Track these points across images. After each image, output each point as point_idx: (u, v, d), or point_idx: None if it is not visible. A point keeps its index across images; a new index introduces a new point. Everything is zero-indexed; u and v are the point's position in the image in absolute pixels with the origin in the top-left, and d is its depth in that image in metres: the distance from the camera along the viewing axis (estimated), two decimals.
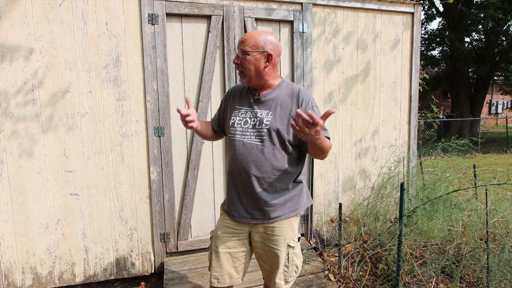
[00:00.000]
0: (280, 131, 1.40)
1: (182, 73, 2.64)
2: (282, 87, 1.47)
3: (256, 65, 1.39)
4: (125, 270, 2.57)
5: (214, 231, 1.58)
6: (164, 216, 2.62)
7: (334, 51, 3.01)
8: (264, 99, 1.45)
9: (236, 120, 1.47)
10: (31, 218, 2.35)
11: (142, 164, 2.54)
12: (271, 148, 1.40)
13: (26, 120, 2.29)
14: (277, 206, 1.44)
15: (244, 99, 1.50)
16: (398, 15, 3.17)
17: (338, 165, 3.12)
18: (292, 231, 1.50)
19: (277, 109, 1.42)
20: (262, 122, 1.41)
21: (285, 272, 1.49)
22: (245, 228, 1.50)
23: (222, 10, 2.62)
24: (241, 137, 1.44)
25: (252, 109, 1.46)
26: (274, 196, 1.44)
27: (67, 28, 2.31)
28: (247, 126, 1.44)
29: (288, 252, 1.48)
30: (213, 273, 1.50)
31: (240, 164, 1.42)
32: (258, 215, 1.45)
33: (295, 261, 1.52)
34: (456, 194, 2.96)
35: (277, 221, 1.45)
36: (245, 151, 1.42)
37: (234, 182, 1.48)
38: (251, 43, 1.38)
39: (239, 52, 1.41)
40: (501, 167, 6.83)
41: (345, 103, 3.09)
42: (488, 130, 18.56)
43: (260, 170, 1.41)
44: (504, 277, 2.19)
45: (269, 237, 1.47)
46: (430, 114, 4.91)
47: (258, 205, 1.44)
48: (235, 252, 1.50)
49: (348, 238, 2.94)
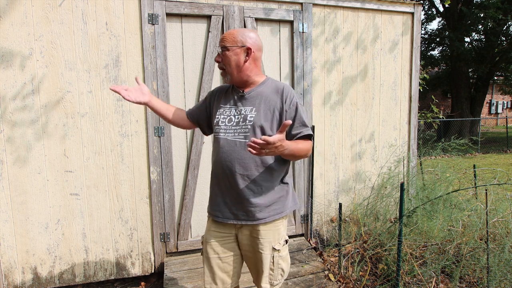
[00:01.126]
0: (264, 127, 1.38)
1: (182, 73, 2.64)
2: (266, 84, 1.47)
3: (237, 60, 1.40)
4: (125, 270, 2.57)
5: (204, 236, 1.55)
6: (164, 216, 2.62)
7: (334, 51, 3.01)
8: (248, 96, 1.44)
9: (220, 118, 1.46)
10: (31, 218, 2.35)
11: (142, 164, 2.54)
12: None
13: (26, 121, 2.29)
14: (262, 207, 1.41)
15: (228, 97, 1.50)
16: (398, 15, 3.17)
17: (338, 165, 3.12)
18: (277, 234, 1.47)
19: (261, 105, 1.41)
20: (246, 119, 1.40)
21: (270, 275, 1.47)
22: (232, 230, 1.47)
23: (222, 10, 2.62)
24: (225, 135, 1.42)
25: (236, 107, 1.45)
26: (259, 196, 1.41)
27: (67, 28, 2.31)
28: (231, 124, 1.42)
29: (274, 255, 1.45)
30: (206, 279, 1.50)
31: (224, 162, 1.40)
32: (242, 216, 1.42)
33: (281, 264, 1.49)
34: (456, 194, 2.96)
35: (262, 223, 1.42)
36: (229, 148, 1.40)
37: (218, 181, 1.45)
38: (230, 39, 1.40)
39: (220, 49, 1.42)
40: (501, 167, 6.83)
41: (345, 103, 3.09)
42: (488, 130, 18.56)
43: (244, 167, 1.38)
44: (504, 277, 2.19)
45: (255, 240, 1.44)
46: (430, 114, 4.91)
47: (242, 205, 1.41)
48: (225, 257, 1.48)
49: (348, 238, 2.94)
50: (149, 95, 1.50)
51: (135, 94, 1.45)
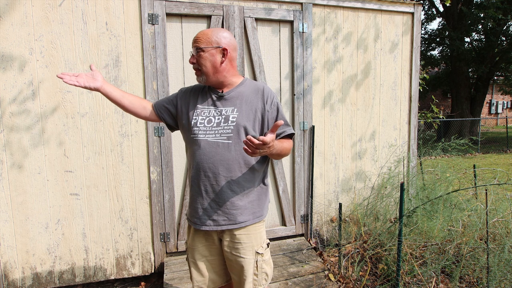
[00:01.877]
0: (247, 127, 1.37)
1: (182, 73, 2.64)
2: (245, 84, 1.45)
3: (213, 61, 1.37)
4: (125, 270, 2.57)
5: (187, 242, 1.52)
6: (164, 216, 2.62)
7: (334, 51, 3.01)
8: (228, 96, 1.42)
9: (198, 119, 1.41)
10: (31, 218, 2.35)
11: (142, 164, 2.54)
12: (238, 145, 1.36)
13: (26, 121, 2.29)
14: (243, 209, 1.40)
15: (205, 98, 1.45)
16: (398, 15, 3.17)
17: (338, 165, 3.12)
18: (260, 238, 1.45)
19: (243, 106, 1.39)
20: (228, 119, 1.37)
21: (254, 280, 1.44)
22: (214, 236, 1.45)
23: (222, 10, 2.62)
24: (204, 136, 1.37)
25: (215, 107, 1.41)
26: (241, 197, 1.39)
27: (67, 28, 2.31)
28: (211, 125, 1.38)
29: (257, 260, 1.43)
30: (195, 283, 1.47)
31: (206, 164, 1.36)
32: (223, 221, 1.39)
33: (265, 268, 1.46)
34: (456, 194, 2.96)
35: (243, 226, 1.40)
36: (211, 150, 1.36)
37: (199, 185, 1.40)
38: (204, 40, 1.36)
39: (194, 50, 1.38)
40: (501, 167, 6.83)
41: (345, 103, 3.09)
42: (488, 130, 18.56)
43: (228, 168, 1.36)
44: (504, 277, 2.19)
45: (236, 246, 1.41)
46: (430, 114, 4.91)
47: (224, 209, 1.38)
48: (212, 259, 1.47)
49: (348, 238, 2.94)
50: (102, 81, 1.40)
51: (85, 79, 1.36)
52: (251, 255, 1.42)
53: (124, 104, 1.46)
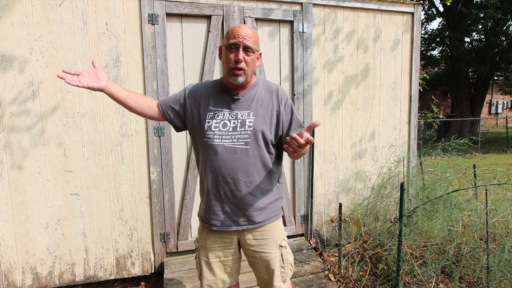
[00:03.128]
0: (264, 132, 1.35)
1: (182, 73, 2.64)
2: (258, 85, 1.42)
3: (254, 64, 1.36)
4: (125, 270, 2.57)
5: (200, 241, 1.50)
6: (164, 216, 2.62)
7: (334, 51, 3.01)
8: (243, 99, 1.37)
9: (212, 123, 1.35)
10: (31, 218, 2.35)
11: (142, 164, 2.54)
12: (256, 150, 1.35)
13: (26, 122, 2.29)
14: (262, 210, 1.41)
15: (219, 100, 1.38)
16: (398, 15, 3.17)
17: (338, 165, 3.12)
18: (280, 232, 1.49)
19: (258, 109, 1.37)
20: (244, 124, 1.34)
21: (282, 273, 1.47)
22: (233, 236, 1.44)
23: (222, 10, 2.62)
24: (221, 141, 1.33)
25: (230, 110, 1.36)
26: (260, 199, 1.39)
27: (67, 28, 2.31)
28: (226, 129, 1.34)
29: (282, 253, 1.47)
30: (206, 282, 1.46)
31: (225, 170, 1.33)
32: (243, 222, 1.40)
33: (289, 259, 1.51)
34: (456, 194, 2.96)
35: (262, 225, 1.42)
36: (229, 156, 1.33)
37: (218, 190, 1.37)
38: (254, 40, 1.31)
39: (243, 47, 1.28)
40: (501, 167, 6.83)
41: (345, 103, 3.09)
42: (488, 130, 18.56)
43: (247, 174, 1.34)
44: (504, 277, 2.19)
45: (259, 243, 1.43)
46: (430, 114, 4.91)
47: (243, 211, 1.38)
48: (225, 260, 1.47)
49: (348, 238, 2.94)
50: (106, 80, 1.29)
51: (88, 78, 1.25)
52: (275, 249, 1.45)
53: (130, 104, 1.36)
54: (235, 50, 1.29)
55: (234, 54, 1.29)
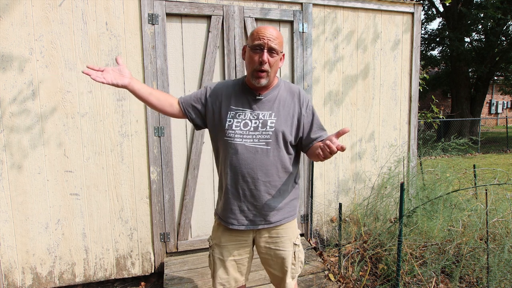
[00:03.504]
0: (285, 133, 1.37)
1: (182, 73, 2.64)
2: (280, 86, 1.44)
3: (277, 65, 1.37)
4: (125, 270, 2.57)
5: (214, 239, 1.51)
6: (164, 216, 2.62)
7: (334, 51, 3.01)
8: (265, 99, 1.39)
9: (234, 122, 1.37)
10: (31, 218, 2.35)
11: (142, 164, 2.54)
12: (276, 151, 1.37)
13: (26, 122, 2.29)
14: (279, 209, 1.43)
15: (240, 100, 1.40)
16: (398, 15, 3.17)
17: (338, 165, 3.12)
18: (295, 230, 1.53)
19: (280, 110, 1.38)
20: (266, 124, 1.35)
21: (292, 270, 1.50)
22: (249, 234, 1.47)
23: (222, 10, 2.62)
24: (241, 140, 1.35)
25: (252, 110, 1.38)
26: (277, 200, 1.42)
27: (67, 28, 2.31)
28: (247, 129, 1.35)
29: (295, 251, 1.50)
30: (219, 281, 1.47)
31: (245, 169, 1.35)
32: (259, 221, 1.42)
33: (300, 257, 1.54)
34: (456, 194, 2.96)
35: (278, 225, 1.45)
36: (249, 155, 1.34)
37: (237, 189, 1.39)
38: (279, 42, 1.32)
39: (268, 48, 1.29)
40: (501, 167, 6.83)
41: (345, 103, 3.09)
42: (488, 130, 18.56)
43: (266, 174, 1.36)
44: (504, 277, 2.19)
45: (275, 240, 1.45)
46: (430, 114, 4.91)
47: (261, 211, 1.40)
48: (239, 259, 1.48)
49: (348, 238, 2.94)
50: (130, 77, 1.31)
51: (112, 75, 1.25)
52: (290, 247, 1.48)
53: (152, 102, 1.38)
54: (259, 51, 1.30)
55: (259, 55, 1.30)
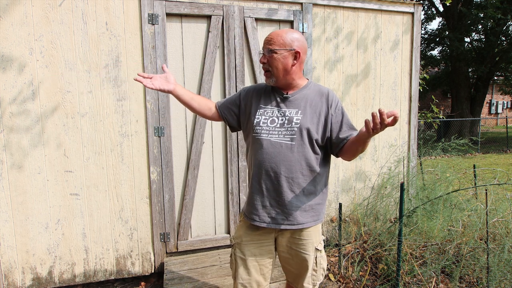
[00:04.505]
0: (310, 130, 1.38)
1: (182, 73, 2.64)
2: (309, 87, 1.48)
3: (284, 64, 1.39)
4: (125, 270, 2.57)
5: (236, 238, 1.52)
6: (164, 216, 2.62)
7: (334, 51, 3.01)
8: (292, 98, 1.44)
9: (261, 119, 1.43)
10: (31, 218, 2.35)
11: (142, 164, 2.54)
12: (301, 147, 1.38)
13: (26, 122, 2.28)
14: (302, 211, 1.41)
15: (269, 98, 1.47)
16: (398, 15, 3.17)
17: (338, 165, 3.12)
18: (319, 235, 1.50)
19: (307, 108, 1.41)
20: (291, 121, 1.39)
21: (313, 276, 1.48)
22: (271, 233, 1.46)
23: (222, 10, 2.62)
24: (267, 136, 1.40)
25: (279, 108, 1.43)
26: (300, 199, 1.40)
27: (67, 28, 2.31)
28: (274, 125, 1.41)
29: (316, 256, 1.47)
30: (240, 281, 1.45)
31: (268, 163, 1.38)
32: (281, 220, 1.40)
33: (322, 264, 1.50)
34: (456, 194, 2.96)
35: (301, 227, 1.42)
36: (274, 150, 1.38)
37: (260, 183, 1.41)
38: (278, 42, 1.37)
39: (266, 51, 1.39)
40: (501, 167, 6.83)
41: (345, 103, 3.09)
42: (488, 130, 18.56)
43: (289, 169, 1.37)
44: (504, 277, 2.19)
45: (296, 241, 1.44)
46: (430, 114, 4.91)
47: (283, 208, 1.40)
48: (261, 259, 1.47)
49: (348, 238, 2.94)
50: (175, 83, 1.46)
51: (159, 81, 1.42)
52: (311, 251, 1.45)
53: (193, 106, 1.51)
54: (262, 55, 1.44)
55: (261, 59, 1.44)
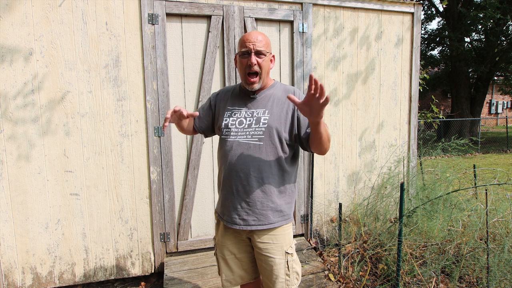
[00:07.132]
0: (278, 129, 1.38)
1: (182, 73, 2.64)
2: (276, 86, 1.48)
3: (268, 66, 1.41)
4: (125, 270, 2.57)
5: (216, 239, 1.56)
6: (164, 216, 2.62)
7: (334, 51, 3.01)
8: (259, 98, 1.44)
9: (229, 121, 1.44)
10: (31, 218, 2.35)
11: (142, 164, 2.54)
12: (269, 147, 1.38)
13: (26, 121, 2.28)
14: (272, 210, 1.41)
15: (236, 100, 1.48)
16: (398, 15, 3.17)
17: (338, 165, 3.12)
18: (288, 238, 1.47)
19: (274, 107, 1.41)
20: (259, 121, 1.39)
21: (287, 281, 1.46)
22: (243, 234, 1.47)
23: (222, 10, 2.62)
24: (236, 137, 1.40)
25: (247, 109, 1.43)
26: (271, 199, 1.40)
27: (67, 28, 2.31)
28: (242, 126, 1.41)
29: (287, 260, 1.45)
30: (224, 278, 1.52)
31: (238, 164, 1.38)
32: (252, 221, 1.40)
33: (295, 268, 1.48)
34: (456, 194, 2.96)
35: (270, 228, 1.42)
36: (242, 151, 1.38)
37: (230, 185, 1.41)
38: (265, 43, 1.38)
39: (256, 52, 1.36)
40: (501, 167, 6.83)
41: (345, 103, 3.09)
42: (488, 130, 18.56)
43: (259, 169, 1.37)
44: (504, 277, 2.19)
45: (265, 246, 1.43)
46: (430, 114, 4.91)
47: (254, 209, 1.39)
48: (241, 256, 1.50)
49: (348, 238, 2.94)
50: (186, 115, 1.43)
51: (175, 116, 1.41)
52: (280, 255, 1.44)
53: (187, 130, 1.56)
54: (247, 56, 1.38)
55: (247, 59, 1.38)
